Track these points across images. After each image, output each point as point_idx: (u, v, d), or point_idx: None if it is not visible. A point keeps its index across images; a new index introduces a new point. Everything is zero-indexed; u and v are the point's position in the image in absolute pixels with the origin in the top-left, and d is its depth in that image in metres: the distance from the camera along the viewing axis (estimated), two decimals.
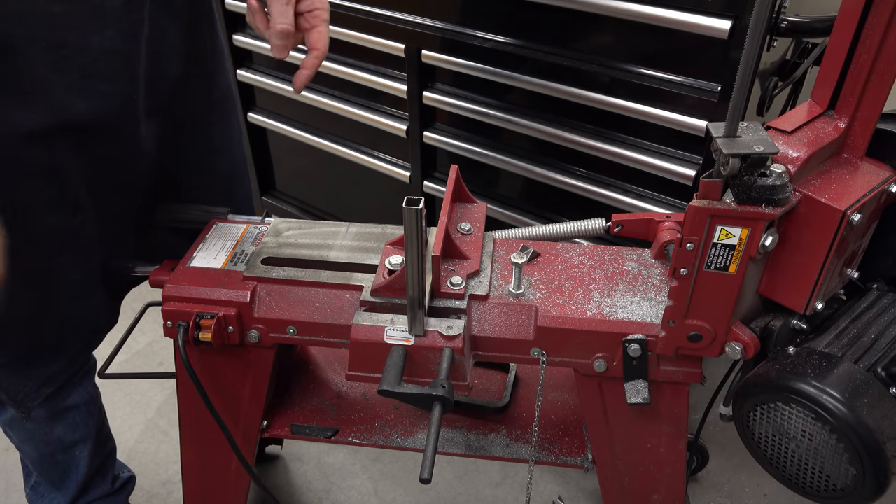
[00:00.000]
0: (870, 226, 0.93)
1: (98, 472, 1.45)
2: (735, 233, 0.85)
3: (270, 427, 1.27)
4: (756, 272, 0.91)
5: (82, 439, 1.38)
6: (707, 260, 0.88)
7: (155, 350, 2.11)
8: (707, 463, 1.68)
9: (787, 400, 0.85)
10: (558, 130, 1.47)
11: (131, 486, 1.56)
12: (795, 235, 0.88)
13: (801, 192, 0.85)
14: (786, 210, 0.84)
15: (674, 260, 0.90)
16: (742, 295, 0.91)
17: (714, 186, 0.84)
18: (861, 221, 0.85)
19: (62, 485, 1.42)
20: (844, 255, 0.90)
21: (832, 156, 0.91)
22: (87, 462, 1.41)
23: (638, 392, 1.00)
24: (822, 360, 0.86)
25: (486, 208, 1.17)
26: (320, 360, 1.42)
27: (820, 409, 0.81)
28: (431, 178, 1.83)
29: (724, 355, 0.98)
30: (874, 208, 0.90)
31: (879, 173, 0.90)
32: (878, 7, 0.80)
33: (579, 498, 1.66)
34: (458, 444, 1.24)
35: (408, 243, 0.88)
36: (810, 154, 0.85)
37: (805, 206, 0.85)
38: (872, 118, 0.88)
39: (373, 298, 1.02)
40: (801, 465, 0.88)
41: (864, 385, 0.82)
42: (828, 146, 0.89)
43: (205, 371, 1.12)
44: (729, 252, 0.86)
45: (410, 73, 1.66)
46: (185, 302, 1.07)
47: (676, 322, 0.94)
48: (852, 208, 0.83)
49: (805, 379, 0.83)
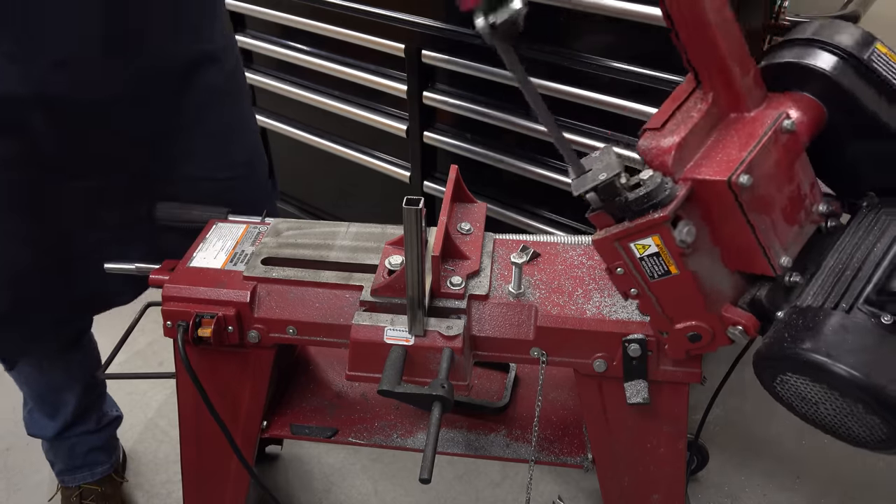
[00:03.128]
0: (790, 165, 0.87)
1: (86, 411, 1.57)
2: (649, 243, 0.85)
3: (270, 427, 1.27)
4: (708, 257, 0.88)
5: (71, 386, 1.50)
6: (646, 273, 0.88)
7: (155, 350, 2.11)
8: (707, 463, 1.68)
9: (780, 371, 0.81)
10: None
11: (116, 425, 1.68)
12: (710, 214, 0.85)
13: (689, 178, 0.83)
14: (680, 202, 0.82)
15: (617, 286, 0.91)
16: (709, 283, 0.88)
17: (601, 217, 0.87)
18: (760, 178, 0.82)
19: (53, 418, 1.53)
20: (777, 206, 0.86)
21: (719, 122, 0.88)
22: (75, 404, 1.52)
23: (638, 392, 1.00)
24: (806, 318, 0.81)
25: (486, 208, 1.18)
26: (320, 360, 1.42)
27: (811, 373, 0.77)
28: (431, 178, 1.83)
29: (720, 356, 0.96)
30: (776, 155, 0.85)
31: (770, 117, 0.85)
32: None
33: (579, 498, 1.66)
34: (458, 444, 1.24)
35: (408, 243, 0.88)
36: (682, 138, 0.83)
37: (698, 188, 0.83)
38: (724, 69, 0.85)
39: (373, 298, 1.02)
40: (836, 421, 0.83)
41: (853, 331, 0.76)
42: (703, 119, 0.86)
43: (205, 371, 1.12)
44: (659, 259, 0.86)
45: (410, 73, 1.66)
46: (185, 302, 1.07)
47: (668, 332, 0.93)
48: (736, 173, 0.80)
49: (788, 347, 0.79)
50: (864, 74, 0.85)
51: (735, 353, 1.09)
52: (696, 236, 0.84)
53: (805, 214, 0.89)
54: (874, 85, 0.85)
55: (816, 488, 1.68)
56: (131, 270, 1.19)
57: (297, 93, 1.98)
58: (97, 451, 1.62)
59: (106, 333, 1.62)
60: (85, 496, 1.62)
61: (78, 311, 1.38)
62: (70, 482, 1.62)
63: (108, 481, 1.65)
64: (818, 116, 0.87)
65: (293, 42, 1.96)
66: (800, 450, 1.78)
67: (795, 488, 1.69)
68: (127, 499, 1.68)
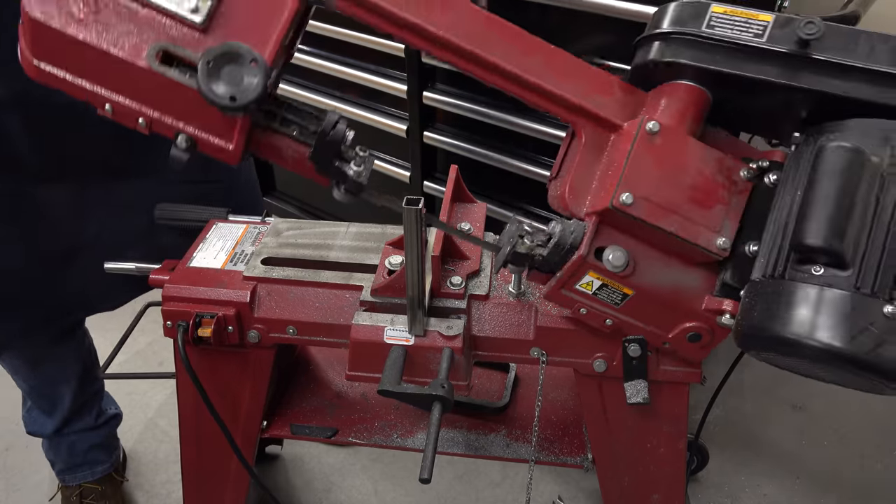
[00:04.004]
0: (677, 159, 0.84)
1: (83, 407, 1.56)
2: (589, 280, 0.88)
3: (270, 427, 1.27)
4: (658, 265, 0.88)
5: (66, 380, 1.50)
6: (608, 303, 0.90)
7: (155, 350, 2.11)
8: (707, 463, 1.68)
9: (755, 352, 0.80)
10: (558, 131, 1.47)
11: (115, 423, 1.67)
12: (627, 232, 0.86)
13: (590, 212, 0.86)
14: (591, 237, 0.85)
15: (592, 325, 0.94)
16: (671, 286, 0.88)
17: (537, 276, 0.92)
18: (645, 187, 0.82)
19: (50, 414, 1.54)
20: (683, 199, 0.84)
21: (603, 150, 0.88)
22: (71, 399, 1.52)
23: (638, 392, 1.00)
24: (754, 296, 0.79)
25: (486, 208, 1.18)
26: (320, 360, 1.42)
27: (779, 349, 0.76)
28: (431, 178, 1.83)
29: (720, 356, 0.96)
30: (654, 157, 0.84)
31: (635, 126, 0.85)
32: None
33: (579, 498, 1.66)
34: (458, 444, 1.24)
35: (408, 243, 0.88)
36: (571, 180, 0.87)
37: (599, 218, 0.85)
38: (577, 108, 0.87)
39: (373, 298, 1.02)
40: (836, 377, 0.80)
41: (794, 298, 0.74)
42: (583, 156, 0.88)
43: (205, 371, 1.12)
44: (609, 288, 0.88)
45: (410, 73, 1.66)
46: (185, 302, 1.07)
47: (669, 342, 0.93)
48: (616, 196, 0.81)
49: (748, 330, 0.78)
50: (708, 44, 0.83)
51: (735, 353, 1.09)
52: (628, 256, 0.86)
53: (725, 189, 0.86)
54: (722, 49, 0.83)
55: (816, 488, 1.69)
56: (131, 270, 1.19)
57: (298, 93, 1.98)
58: (97, 449, 1.62)
59: (106, 333, 1.62)
60: (85, 495, 1.63)
61: (69, 310, 1.38)
62: (70, 481, 1.62)
63: (108, 480, 1.66)
64: (698, 97, 0.86)
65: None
66: (800, 450, 1.78)
67: (795, 488, 1.69)
68: (127, 498, 1.69)
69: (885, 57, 0.79)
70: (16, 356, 1.42)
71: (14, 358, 1.42)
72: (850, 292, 0.72)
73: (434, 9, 0.85)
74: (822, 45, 0.80)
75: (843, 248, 0.73)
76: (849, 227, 0.73)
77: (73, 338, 1.48)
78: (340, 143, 0.82)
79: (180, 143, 0.82)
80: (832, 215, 0.74)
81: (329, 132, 0.81)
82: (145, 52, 0.75)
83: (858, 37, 0.80)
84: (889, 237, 0.73)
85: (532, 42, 0.88)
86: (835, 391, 1.94)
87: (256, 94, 0.74)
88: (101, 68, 0.77)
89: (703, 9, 0.84)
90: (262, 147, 0.85)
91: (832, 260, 0.74)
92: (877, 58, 0.79)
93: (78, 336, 1.50)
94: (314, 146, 0.82)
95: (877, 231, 0.73)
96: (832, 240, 0.73)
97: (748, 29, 0.83)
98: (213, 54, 0.74)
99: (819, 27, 0.79)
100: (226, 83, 0.74)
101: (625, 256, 0.86)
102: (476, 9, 0.87)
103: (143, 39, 0.76)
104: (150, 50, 0.75)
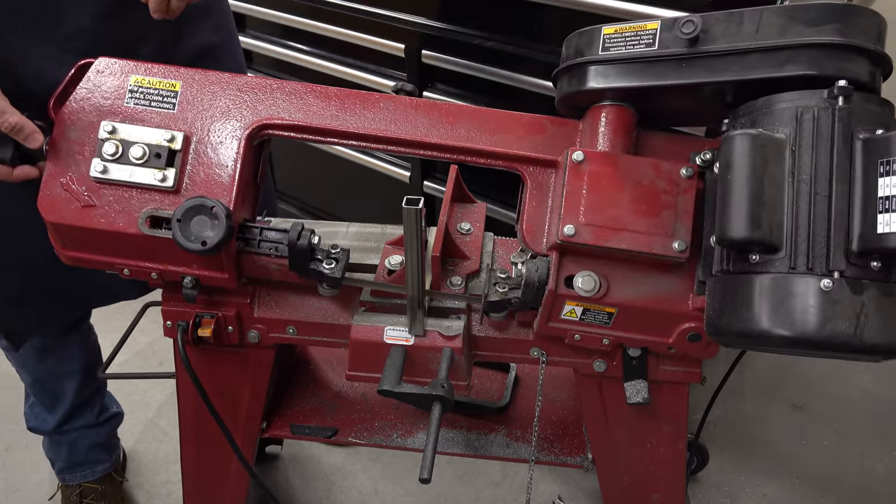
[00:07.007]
0: (612, 178, 0.87)
1: (85, 404, 1.57)
2: (571, 308, 0.91)
3: (270, 427, 1.27)
4: (632, 278, 0.90)
5: (69, 374, 1.50)
6: (597, 324, 0.92)
7: (155, 350, 2.11)
8: (707, 463, 1.68)
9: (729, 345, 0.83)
10: None
11: (116, 422, 1.67)
12: (590, 257, 0.89)
13: (551, 248, 0.90)
14: (556, 271, 0.88)
15: (590, 348, 0.96)
16: (653, 295, 0.90)
17: (523, 315, 0.99)
18: (583, 217, 0.86)
19: (53, 409, 1.54)
20: (627, 215, 0.86)
21: (549, 189, 0.94)
22: (74, 394, 1.52)
23: (638, 392, 1.00)
24: (714, 292, 0.80)
25: (486, 208, 1.18)
26: (320, 360, 1.42)
27: (744, 343, 0.78)
28: (431, 178, 1.83)
29: (720, 356, 0.97)
30: (589, 182, 0.87)
31: (563, 159, 0.90)
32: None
33: (579, 498, 1.66)
34: (458, 444, 1.24)
35: (407, 243, 0.88)
36: (518, 221, 0.94)
37: (558, 251, 0.89)
38: (514, 158, 0.95)
39: (373, 298, 1.02)
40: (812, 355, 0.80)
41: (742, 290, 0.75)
42: (532, 197, 0.94)
43: (205, 371, 1.12)
44: (592, 311, 0.91)
45: (410, 73, 1.66)
46: (185, 302, 1.07)
47: (672, 346, 0.94)
48: (560, 231, 0.85)
49: (713, 328, 0.80)
50: (608, 65, 0.87)
51: (734, 353, 1.09)
52: (597, 278, 0.88)
53: (668, 192, 0.87)
54: (622, 66, 0.86)
55: (816, 488, 1.69)
56: None
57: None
58: (98, 448, 1.62)
59: (106, 333, 1.62)
60: (85, 495, 1.62)
61: (92, 299, 1.38)
62: (70, 480, 1.62)
63: (108, 480, 1.65)
64: (618, 114, 0.90)
65: (293, 42, 1.96)
66: (800, 450, 1.78)
67: (795, 488, 1.69)
68: (127, 498, 1.69)
69: (772, 31, 0.79)
70: (31, 344, 1.41)
71: (27, 347, 1.42)
72: (785, 273, 0.72)
73: (356, 112, 0.97)
74: (710, 37, 0.82)
75: (764, 234, 0.73)
76: (764, 212, 0.73)
77: (79, 330, 1.49)
78: (309, 249, 0.93)
79: (187, 283, 0.98)
80: (745, 205, 0.74)
81: (296, 244, 0.93)
82: (138, 222, 0.92)
83: (742, 17, 0.81)
84: (813, 207, 0.72)
85: (458, 111, 0.97)
86: (835, 391, 1.94)
87: (221, 236, 0.87)
88: (109, 243, 0.95)
89: (595, 34, 0.88)
90: (252, 269, 0.99)
91: (761, 247, 0.74)
92: (765, 33, 0.80)
93: (83, 330, 1.51)
94: (289, 258, 0.94)
95: (799, 205, 0.73)
96: (750, 230, 0.73)
97: (640, 41, 0.85)
98: (181, 210, 0.88)
99: (696, 24, 0.81)
100: (196, 232, 0.88)
101: (593, 280, 0.88)
102: (400, 99, 0.97)
103: (134, 212, 0.93)
104: (140, 218, 0.92)
